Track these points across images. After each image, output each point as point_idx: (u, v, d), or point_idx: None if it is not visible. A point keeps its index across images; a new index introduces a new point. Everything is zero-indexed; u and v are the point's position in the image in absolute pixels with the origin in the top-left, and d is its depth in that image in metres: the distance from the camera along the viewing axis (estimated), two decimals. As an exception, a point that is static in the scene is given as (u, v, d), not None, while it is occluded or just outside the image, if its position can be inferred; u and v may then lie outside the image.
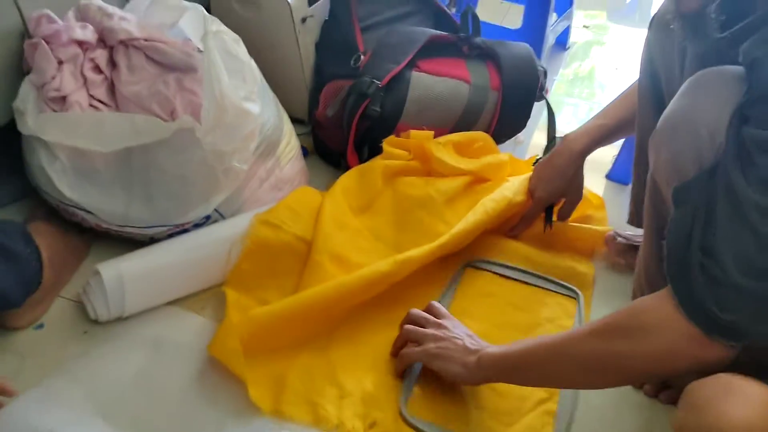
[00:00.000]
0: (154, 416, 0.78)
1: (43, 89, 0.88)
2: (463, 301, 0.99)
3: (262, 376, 0.82)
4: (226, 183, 0.94)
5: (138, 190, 0.91)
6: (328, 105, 1.16)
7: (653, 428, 0.83)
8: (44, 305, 0.89)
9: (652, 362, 0.65)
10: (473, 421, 0.81)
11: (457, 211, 1.07)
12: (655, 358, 0.64)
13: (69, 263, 0.95)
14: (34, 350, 0.84)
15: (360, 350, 0.89)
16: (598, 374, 0.69)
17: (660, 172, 0.74)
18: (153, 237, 0.96)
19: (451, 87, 1.17)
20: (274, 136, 1.03)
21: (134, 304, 0.88)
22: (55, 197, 0.91)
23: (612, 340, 0.66)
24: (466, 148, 1.17)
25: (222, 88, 0.87)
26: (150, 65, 0.94)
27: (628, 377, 0.72)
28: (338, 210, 1.02)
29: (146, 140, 0.87)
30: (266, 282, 0.94)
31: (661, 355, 0.64)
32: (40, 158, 0.89)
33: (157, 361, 0.84)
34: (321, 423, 0.79)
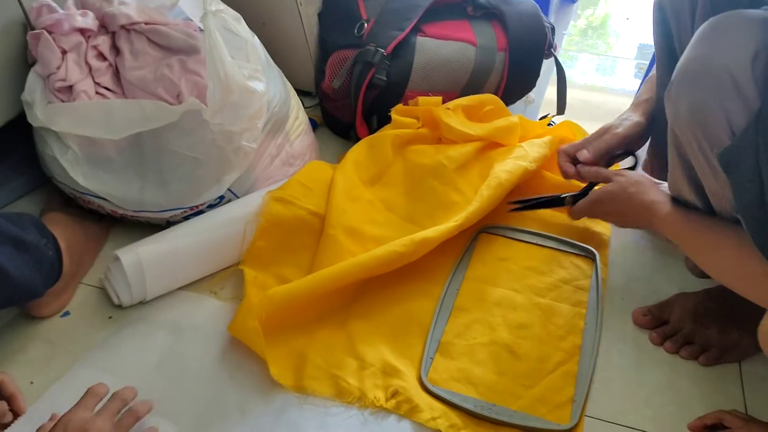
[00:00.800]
0: (179, 399, 0.80)
1: (49, 80, 0.88)
2: (480, 266, 0.99)
3: (283, 354, 0.84)
4: (237, 162, 0.95)
5: (151, 174, 0.92)
6: (334, 76, 1.15)
7: (674, 384, 0.83)
8: (68, 293, 0.91)
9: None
10: (494, 385, 0.82)
11: (469, 178, 1.06)
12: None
13: (89, 250, 0.97)
14: (62, 337, 0.86)
15: (378, 322, 0.89)
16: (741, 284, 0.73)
17: (681, 124, 0.71)
18: (169, 220, 0.97)
19: (457, 50, 1.15)
20: (282, 112, 1.02)
21: (155, 287, 0.90)
22: (69, 186, 0.93)
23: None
24: (476, 111, 1.15)
25: (226, 68, 0.86)
26: (153, 49, 0.94)
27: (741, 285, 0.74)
28: (349, 183, 1.02)
29: (155, 125, 0.87)
30: (282, 258, 0.95)
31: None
32: (52, 149, 0.90)
33: (179, 345, 0.86)
34: (343, 395, 0.80)
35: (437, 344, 0.87)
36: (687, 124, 0.69)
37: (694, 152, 0.70)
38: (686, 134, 0.70)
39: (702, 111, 0.66)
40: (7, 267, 0.72)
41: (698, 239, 0.78)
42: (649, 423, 0.79)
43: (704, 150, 0.68)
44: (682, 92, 0.69)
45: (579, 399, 0.80)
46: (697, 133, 0.68)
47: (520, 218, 1.07)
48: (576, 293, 0.94)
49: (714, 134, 0.66)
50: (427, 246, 0.93)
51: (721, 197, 0.70)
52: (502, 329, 0.89)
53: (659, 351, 0.87)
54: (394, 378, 0.81)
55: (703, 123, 0.67)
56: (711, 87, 0.65)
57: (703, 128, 0.67)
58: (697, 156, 0.70)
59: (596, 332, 0.88)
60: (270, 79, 0.99)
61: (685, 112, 0.69)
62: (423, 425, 0.76)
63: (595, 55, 1.74)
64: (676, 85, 0.69)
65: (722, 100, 0.64)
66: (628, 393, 0.82)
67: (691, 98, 0.68)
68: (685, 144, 0.72)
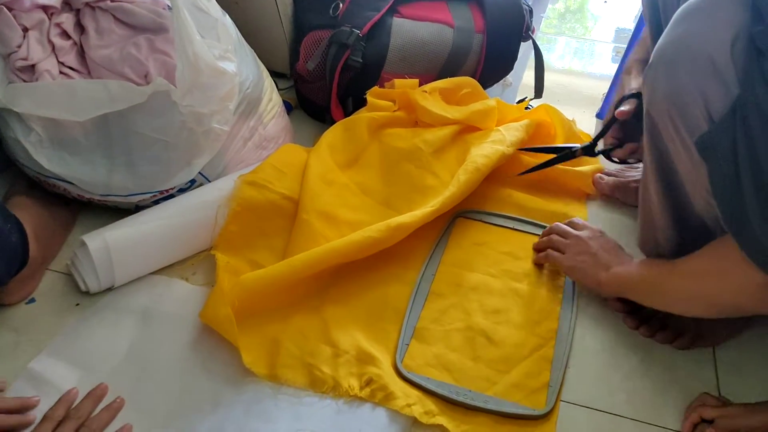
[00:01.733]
0: (149, 389, 0.78)
1: (10, 59, 0.85)
2: (457, 251, 0.98)
3: (256, 341, 0.82)
4: (208, 145, 0.92)
5: (119, 157, 0.89)
6: (309, 58, 1.13)
7: (649, 368, 0.84)
8: (35, 280, 0.89)
9: (728, 303, 0.70)
10: (469, 371, 0.82)
11: (446, 162, 1.05)
12: (729, 301, 0.70)
13: (56, 235, 0.94)
14: (28, 325, 0.84)
15: (353, 308, 0.88)
16: (692, 307, 0.76)
17: (658, 107, 0.70)
18: (138, 204, 0.94)
19: (434, 32, 1.13)
20: (255, 93, 1.00)
21: (124, 273, 0.87)
22: (33, 170, 0.89)
23: (696, 281, 0.73)
24: (453, 94, 1.14)
25: (195, 48, 0.84)
26: (119, 27, 0.91)
27: (716, 312, 0.75)
28: (324, 166, 1.00)
29: (121, 106, 0.84)
30: (255, 243, 0.94)
31: (734, 300, 0.69)
32: (14, 131, 0.86)
33: (149, 333, 0.84)
34: (317, 385, 0.79)
35: (413, 330, 0.86)
36: (664, 107, 0.68)
37: (670, 135, 0.69)
38: (663, 117, 0.69)
39: (679, 94, 0.65)
40: None
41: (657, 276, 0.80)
42: (623, 407, 0.79)
43: (680, 133, 0.67)
44: (660, 75, 0.68)
45: (554, 384, 0.80)
46: (674, 116, 0.67)
47: (497, 202, 1.06)
48: (552, 278, 0.94)
49: (691, 118, 0.65)
50: (403, 231, 0.92)
51: (696, 182, 0.69)
52: (477, 314, 0.88)
53: (634, 336, 0.87)
54: (369, 365, 0.80)
55: (680, 106, 0.66)
56: (689, 70, 0.64)
57: (680, 112, 0.66)
58: (672, 139, 0.69)
59: (572, 317, 0.88)
60: (242, 60, 0.96)
61: (662, 95, 0.68)
62: (398, 412, 0.76)
63: (573, 39, 1.73)
64: (654, 67, 0.68)
65: (700, 83, 0.63)
66: (603, 377, 0.83)
67: (668, 81, 0.66)
68: (660, 128, 0.71)
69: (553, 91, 1.38)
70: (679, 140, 0.68)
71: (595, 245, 0.90)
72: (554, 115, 1.13)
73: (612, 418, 0.78)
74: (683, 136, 0.67)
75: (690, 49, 0.64)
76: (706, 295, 0.72)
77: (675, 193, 0.75)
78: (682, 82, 0.65)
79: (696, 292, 0.74)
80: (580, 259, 0.90)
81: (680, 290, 0.75)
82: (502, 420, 0.77)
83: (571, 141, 1.12)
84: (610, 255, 0.88)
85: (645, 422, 0.78)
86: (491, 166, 1.01)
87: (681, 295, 0.76)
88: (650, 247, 0.85)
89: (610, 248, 0.89)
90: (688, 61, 0.64)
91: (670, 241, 0.80)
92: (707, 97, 0.63)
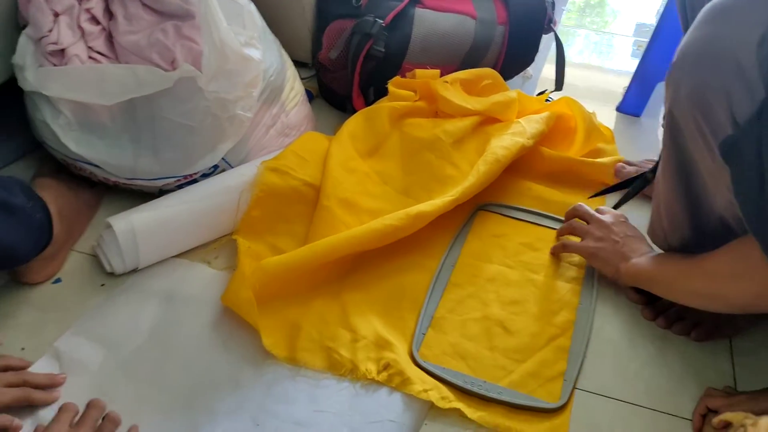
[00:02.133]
0: (171, 368, 0.79)
1: (41, 43, 0.87)
2: (475, 242, 0.98)
3: (276, 324, 0.84)
4: (232, 131, 0.94)
5: (144, 142, 0.91)
6: (332, 47, 1.14)
7: (665, 359, 0.84)
8: (59, 260, 0.91)
9: (747, 303, 0.70)
10: (484, 360, 0.82)
11: (466, 153, 1.06)
12: (749, 302, 0.70)
13: (80, 217, 0.96)
14: (53, 304, 0.85)
15: (372, 295, 0.89)
16: (711, 304, 0.76)
17: (681, 107, 0.69)
18: (162, 188, 0.96)
19: (456, 23, 1.14)
20: (278, 81, 1.01)
21: (148, 255, 0.89)
22: (61, 152, 0.91)
23: (716, 281, 0.72)
24: (474, 85, 1.14)
25: (221, 34, 0.85)
26: (147, 13, 0.92)
27: (737, 310, 0.75)
28: (345, 154, 1.01)
29: (148, 91, 0.85)
30: (276, 228, 0.95)
31: (755, 300, 0.69)
32: (43, 114, 0.88)
33: (172, 313, 0.85)
34: (335, 368, 0.80)
35: (430, 320, 0.87)
36: (687, 107, 0.68)
37: (693, 135, 0.69)
38: (686, 118, 0.69)
39: (704, 95, 0.64)
40: None
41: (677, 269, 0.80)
42: (639, 396, 0.80)
43: (704, 133, 0.67)
44: (683, 74, 0.67)
45: (569, 378, 0.80)
46: (697, 117, 0.66)
47: (517, 195, 1.07)
48: (570, 270, 0.95)
49: (715, 119, 0.64)
50: (422, 220, 0.92)
51: (717, 181, 0.69)
52: (494, 305, 0.89)
53: (651, 326, 0.88)
54: (386, 351, 0.81)
55: (703, 107, 0.65)
56: (713, 70, 0.63)
57: (704, 113, 0.65)
58: (695, 139, 0.69)
59: (591, 311, 0.89)
60: (266, 48, 0.98)
61: (686, 96, 0.67)
62: (415, 397, 0.76)
63: (593, 32, 1.72)
64: (677, 66, 0.68)
65: (725, 85, 0.62)
66: (619, 367, 0.83)
67: (692, 81, 0.66)
68: (683, 127, 0.70)
69: (572, 84, 1.38)
70: (702, 141, 0.67)
71: (618, 231, 0.90)
72: (575, 108, 1.13)
73: (627, 407, 0.79)
74: (707, 137, 0.66)
75: (715, 49, 0.63)
76: (726, 295, 0.72)
77: (693, 190, 0.75)
78: (706, 82, 0.64)
79: (716, 292, 0.73)
80: (601, 246, 0.90)
81: (700, 289, 0.75)
82: (517, 408, 0.77)
83: (591, 134, 1.12)
84: (632, 244, 0.88)
85: (660, 411, 0.78)
86: (511, 158, 1.02)
87: (700, 293, 0.76)
88: (660, 238, 0.85)
89: (632, 237, 0.89)
90: (712, 61, 0.63)
91: (682, 235, 0.80)
92: (732, 99, 0.61)
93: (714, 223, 0.74)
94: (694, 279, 0.76)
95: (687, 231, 0.79)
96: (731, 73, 0.61)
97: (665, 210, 0.81)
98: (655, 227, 0.85)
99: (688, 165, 0.73)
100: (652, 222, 0.86)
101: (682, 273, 0.78)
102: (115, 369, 0.79)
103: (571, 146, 1.13)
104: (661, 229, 0.83)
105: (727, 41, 0.62)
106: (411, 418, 0.75)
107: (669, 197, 0.79)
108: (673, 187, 0.77)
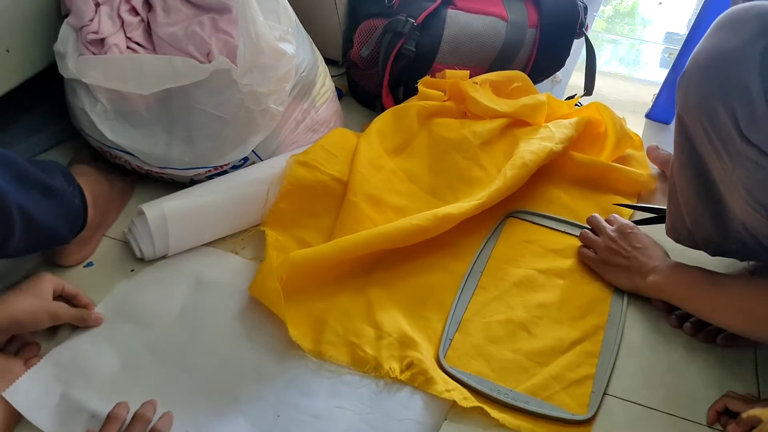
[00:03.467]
0: (197, 351, 0.81)
1: (82, 32, 0.89)
2: (504, 248, 0.98)
3: (302, 316, 0.85)
4: (263, 124, 0.95)
5: (178, 132, 0.93)
6: (363, 45, 1.15)
7: (689, 366, 0.84)
8: (92, 244, 0.93)
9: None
10: (508, 363, 0.82)
11: (493, 154, 1.06)
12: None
13: (114, 203, 0.98)
14: (85, 287, 0.86)
15: (397, 293, 0.90)
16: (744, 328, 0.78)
17: (690, 114, 0.71)
18: (193, 178, 0.97)
19: (487, 24, 1.14)
20: (310, 77, 1.02)
21: (178, 242, 0.90)
22: (97, 140, 0.93)
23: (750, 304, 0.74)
24: (504, 87, 1.15)
25: (257, 28, 0.86)
26: (185, 6, 0.94)
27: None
28: (373, 151, 1.02)
29: (184, 82, 0.87)
30: (304, 221, 0.96)
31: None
32: (82, 101, 0.90)
33: (200, 298, 0.87)
34: (359, 364, 0.80)
35: (458, 325, 0.87)
36: (696, 115, 0.69)
37: (702, 140, 0.70)
38: (695, 123, 0.70)
39: (710, 103, 0.66)
40: (33, 211, 0.73)
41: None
42: (661, 402, 0.80)
43: (711, 139, 0.68)
44: (692, 82, 0.68)
45: (598, 390, 0.80)
46: (704, 123, 0.68)
47: (546, 204, 1.06)
48: (598, 276, 0.94)
49: (721, 127, 0.66)
50: (449, 222, 0.93)
51: (729, 184, 0.69)
52: (519, 308, 0.89)
53: (676, 334, 0.87)
54: (410, 349, 0.81)
55: (710, 115, 0.66)
56: (720, 80, 0.64)
57: (711, 120, 0.66)
58: (705, 144, 0.70)
59: (622, 321, 0.88)
60: (299, 43, 0.99)
61: (695, 104, 0.69)
62: (437, 396, 0.76)
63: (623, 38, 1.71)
64: (688, 73, 0.69)
65: (730, 94, 0.63)
66: (643, 371, 0.83)
67: (700, 90, 0.67)
68: (693, 133, 0.72)
69: (600, 93, 1.37)
70: (711, 147, 0.69)
71: (625, 246, 0.90)
72: (605, 113, 1.12)
73: (648, 412, 0.78)
74: (715, 143, 0.68)
75: (722, 58, 0.64)
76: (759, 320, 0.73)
77: (713, 192, 0.75)
78: (712, 91, 0.65)
79: (750, 316, 0.74)
80: (614, 261, 0.90)
81: (730, 313, 0.76)
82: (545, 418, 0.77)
83: (622, 141, 1.11)
84: (645, 257, 0.88)
85: (681, 417, 0.78)
86: (539, 163, 1.01)
87: (730, 315, 0.77)
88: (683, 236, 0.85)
89: (640, 248, 0.89)
90: (719, 71, 0.64)
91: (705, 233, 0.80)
92: (736, 108, 0.63)
93: (737, 225, 0.74)
94: (723, 304, 0.77)
95: (711, 229, 0.79)
96: (736, 83, 0.62)
97: (686, 208, 0.80)
98: (677, 225, 0.85)
99: (704, 168, 0.73)
100: (673, 220, 0.85)
101: (711, 296, 0.78)
102: (142, 347, 0.80)
103: (601, 152, 1.12)
104: (684, 227, 0.82)
105: (733, 51, 0.63)
106: (431, 417, 0.76)
107: (689, 197, 0.79)
108: (694, 188, 0.77)
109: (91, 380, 0.76)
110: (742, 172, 0.66)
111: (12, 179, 0.70)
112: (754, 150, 0.63)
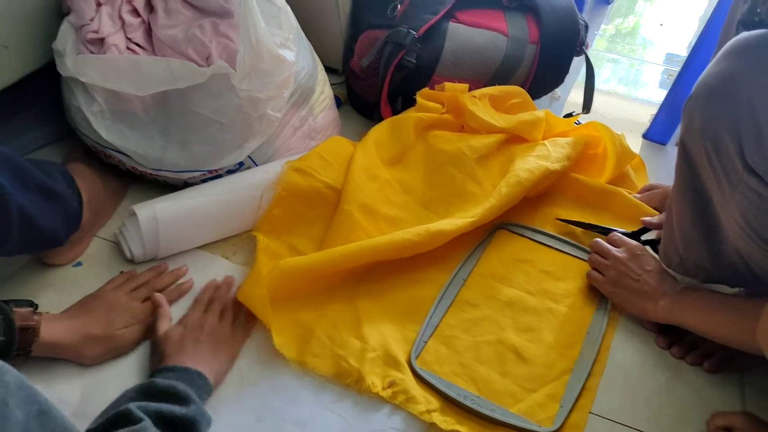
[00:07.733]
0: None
1: (82, 31, 0.89)
2: (496, 264, 0.97)
3: (288, 325, 0.84)
4: (260, 130, 0.95)
5: (174, 134, 0.92)
6: (363, 55, 1.15)
7: (675, 388, 0.83)
8: (83, 244, 0.92)
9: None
10: (495, 384, 0.81)
11: (489, 170, 1.06)
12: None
13: (107, 204, 0.97)
14: (73, 287, 0.86)
15: (385, 305, 0.89)
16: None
17: (693, 139, 0.71)
18: (187, 181, 0.97)
19: (488, 39, 1.15)
20: (309, 84, 1.02)
21: (168, 245, 0.90)
22: (92, 139, 0.93)
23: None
24: (502, 102, 1.15)
25: (258, 34, 0.86)
26: (186, 9, 0.94)
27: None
28: (369, 161, 1.02)
29: (182, 85, 0.87)
30: (296, 228, 0.96)
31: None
32: (78, 100, 0.90)
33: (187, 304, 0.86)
34: (342, 376, 0.80)
35: (433, 329, 0.87)
36: (699, 140, 0.69)
37: (704, 165, 0.70)
38: (698, 148, 0.70)
39: (715, 129, 0.66)
40: (33, 214, 0.73)
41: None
42: (646, 423, 0.79)
43: (713, 165, 0.68)
44: (698, 106, 0.68)
45: (566, 404, 0.79)
46: (708, 148, 0.67)
47: (540, 219, 1.06)
48: (590, 302, 0.93)
49: (724, 153, 0.65)
50: (441, 238, 0.93)
51: (726, 210, 0.69)
52: (510, 330, 0.88)
53: (664, 356, 0.87)
54: (393, 369, 0.81)
55: (714, 141, 0.66)
56: (726, 106, 0.64)
57: (715, 146, 0.66)
58: (706, 169, 0.70)
59: (598, 339, 0.87)
60: (300, 50, 0.99)
61: (699, 129, 0.68)
62: (417, 417, 0.76)
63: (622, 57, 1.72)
64: (694, 97, 0.69)
65: (736, 121, 0.63)
66: (629, 392, 0.83)
67: (705, 114, 0.67)
68: (695, 158, 0.72)
69: (598, 111, 1.38)
70: (713, 173, 0.69)
71: (636, 268, 0.89)
72: (604, 132, 1.12)
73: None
74: (717, 170, 0.67)
75: (730, 85, 0.64)
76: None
77: (708, 217, 0.75)
78: (718, 117, 0.65)
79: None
80: (623, 284, 0.89)
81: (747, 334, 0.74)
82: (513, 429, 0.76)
83: (622, 158, 1.11)
84: (654, 282, 0.87)
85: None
86: (534, 181, 1.01)
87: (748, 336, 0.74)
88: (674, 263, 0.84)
89: (650, 272, 0.88)
90: (726, 97, 0.64)
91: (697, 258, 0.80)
92: (741, 136, 0.63)
93: (730, 251, 0.74)
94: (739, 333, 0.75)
95: (703, 254, 0.78)
96: (743, 110, 0.62)
97: (679, 231, 0.80)
98: (668, 250, 0.84)
99: (703, 193, 0.73)
100: (665, 245, 0.85)
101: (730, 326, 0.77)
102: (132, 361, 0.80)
103: (601, 172, 1.12)
104: (676, 252, 0.82)
105: (744, 77, 0.63)
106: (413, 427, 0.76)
107: (684, 222, 0.78)
108: (690, 212, 0.77)
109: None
110: (740, 199, 0.65)
111: (14, 180, 0.70)
112: (756, 179, 0.63)
